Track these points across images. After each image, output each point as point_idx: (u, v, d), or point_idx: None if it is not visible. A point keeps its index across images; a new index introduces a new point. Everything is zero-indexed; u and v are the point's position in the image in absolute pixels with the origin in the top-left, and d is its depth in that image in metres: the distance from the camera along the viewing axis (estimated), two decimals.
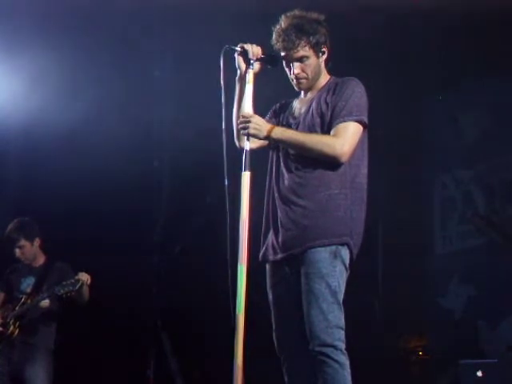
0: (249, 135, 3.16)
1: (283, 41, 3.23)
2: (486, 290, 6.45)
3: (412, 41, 6.14)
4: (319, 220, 3.13)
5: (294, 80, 3.32)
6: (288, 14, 3.28)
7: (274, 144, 3.33)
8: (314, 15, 3.29)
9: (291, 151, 3.25)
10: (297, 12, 3.28)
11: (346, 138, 3.14)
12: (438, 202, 7.20)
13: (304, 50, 3.24)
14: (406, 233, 6.79)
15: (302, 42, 3.22)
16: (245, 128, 3.15)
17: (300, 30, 3.22)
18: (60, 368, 5.31)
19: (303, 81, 3.31)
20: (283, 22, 3.25)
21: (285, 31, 3.23)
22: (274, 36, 3.27)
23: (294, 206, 3.19)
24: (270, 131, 3.17)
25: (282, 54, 3.27)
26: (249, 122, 3.15)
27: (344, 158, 3.15)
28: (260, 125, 3.17)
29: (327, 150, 3.13)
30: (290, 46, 3.23)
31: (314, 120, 3.24)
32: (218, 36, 4.03)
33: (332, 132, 3.16)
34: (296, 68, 3.27)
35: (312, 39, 3.23)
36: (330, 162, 3.16)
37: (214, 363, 6.10)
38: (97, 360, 6.56)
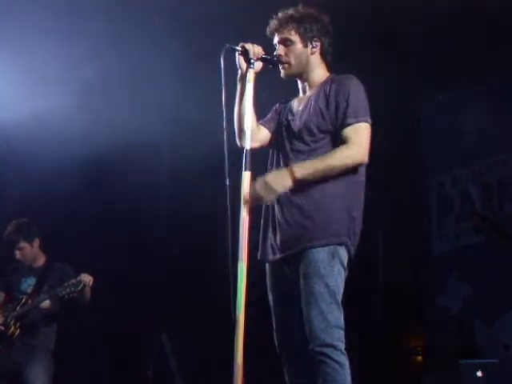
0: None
1: (273, 23, 3.31)
2: (483, 288, 6.46)
3: (412, 41, 6.14)
4: (317, 220, 3.12)
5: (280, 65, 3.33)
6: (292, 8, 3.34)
7: (274, 142, 3.34)
8: (315, 12, 3.31)
9: (291, 153, 3.25)
10: (300, 7, 3.33)
11: (361, 142, 3.13)
12: (435, 200, 7.21)
13: (289, 34, 3.29)
14: (404, 232, 6.80)
15: (290, 26, 3.28)
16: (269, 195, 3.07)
17: (291, 17, 3.29)
18: (60, 368, 5.31)
19: (285, 65, 3.31)
20: (283, 12, 3.33)
21: (278, 16, 3.31)
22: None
23: (291, 205, 3.18)
24: (293, 174, 3.08)
25: (272, 38, 3.31)
26: (268, 186, 3.05)
27: (365, 159, 3.16)
28: (281, 178, 3.08)
29: (348, 162, 3.11)
30: (276, 27, 3.30)
31: (310, 117, 3.23)
32: (218, 36, 4.03)
33: (343, 136, 3.14)
34: (279, 50, 3.30)
35: (301, 27, 3.28)
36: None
37: (213, 363, 6.10)
38: (97, 360, 6.56)
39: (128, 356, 6.55)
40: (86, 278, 4.98)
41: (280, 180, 3.08)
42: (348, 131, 3.13)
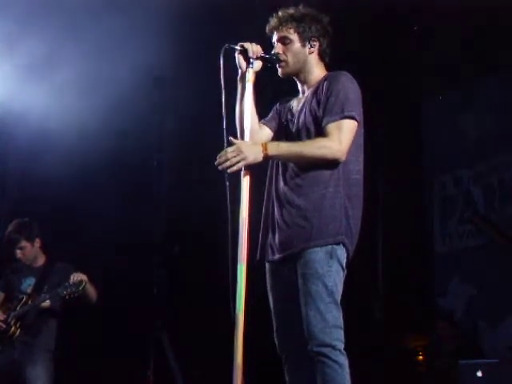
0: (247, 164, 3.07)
1: (273, 21, 3.32)
2: (486, 289, 6.46)
3: (412, 41, 6.14)
4: (314, 220, 3.12)
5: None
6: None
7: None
8: (314, 12, 3.31)
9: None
10: (300, 7, 3.34)
11: (342, 137, 3.11)
12: (437, 201, 7.21)
13: (288, 32, 3.29)
14: (405, 232, 6.80)
15: (289, 25, 3.29)
16: (239, 161, 3.05)
17: (291, 16, 3.30)
18: (60, 368, 5.31)
19: (283, 64, 3.32)
20: (283, 11, 3.34)
21: (278, 14, 3.33)
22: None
23: (290, 206, 3.18)
24: (265, 150, 3.10)
25: (271, 36, 3.32)
26: (240, 151, 3.06)
27: (342, 158, 3.13)
28: (254, 149, 3.09)
29: (325, 152, 3.10)
30: (275, 25, 3.31)
31: (306, 118, 3.23)
32: (218, 35, 4.03)
33: (326, 131, 3.14)
34: (277, 48, 3.31)
35: (299, 26, 3.28)
36: (329, 163, 3.15)
37: (213, 363, 6.09)
38: (97, 360, 6.55)
39: (128, 355, 6.54)
40: (83, 277, 4.98)
41: (253, 151, 3.08)
42: (331, 127, 3.12)
